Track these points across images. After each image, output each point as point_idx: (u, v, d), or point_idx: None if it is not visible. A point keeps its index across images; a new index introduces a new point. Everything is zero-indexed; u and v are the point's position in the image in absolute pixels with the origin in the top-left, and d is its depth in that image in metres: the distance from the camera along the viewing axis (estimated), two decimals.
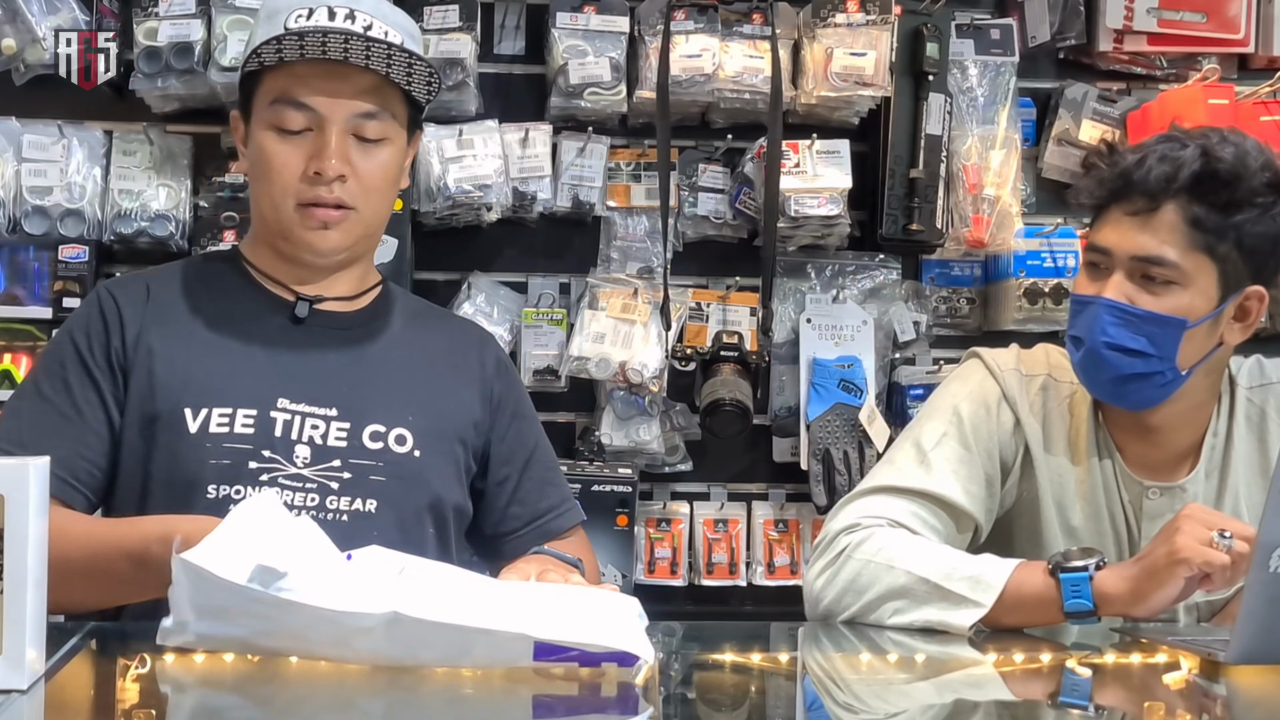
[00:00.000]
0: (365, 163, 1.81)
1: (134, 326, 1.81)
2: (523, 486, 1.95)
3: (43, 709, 1.28)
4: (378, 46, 1.77)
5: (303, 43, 1.75)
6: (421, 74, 1.82)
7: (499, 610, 1.37)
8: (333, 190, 1.79)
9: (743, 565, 3.01)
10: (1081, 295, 1.86)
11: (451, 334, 2.00)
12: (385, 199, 1.88)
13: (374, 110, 1.81)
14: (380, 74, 1.80)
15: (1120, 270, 1.82)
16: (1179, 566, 1.63)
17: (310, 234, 1.81)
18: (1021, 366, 1.96)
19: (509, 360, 2.06)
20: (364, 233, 1.86)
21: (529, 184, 2.90)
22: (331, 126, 1.79)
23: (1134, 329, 1.80)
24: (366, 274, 1.95)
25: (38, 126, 2.84)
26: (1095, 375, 1.86)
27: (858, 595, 1.76)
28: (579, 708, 1.30)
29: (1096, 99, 3.08)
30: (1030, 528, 1.93)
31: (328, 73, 1.78)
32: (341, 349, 1.86)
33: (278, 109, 1.80)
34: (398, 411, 1.83)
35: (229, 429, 1.77)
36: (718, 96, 2.89)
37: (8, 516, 1.26)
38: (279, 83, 1.80)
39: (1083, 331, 1.84)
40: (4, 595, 1.26)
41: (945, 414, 1.93)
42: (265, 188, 1.82)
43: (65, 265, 2.81)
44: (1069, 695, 1.51)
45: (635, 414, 2.93)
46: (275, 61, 1.79)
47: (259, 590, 1.30)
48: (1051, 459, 1.93)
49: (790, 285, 3.02)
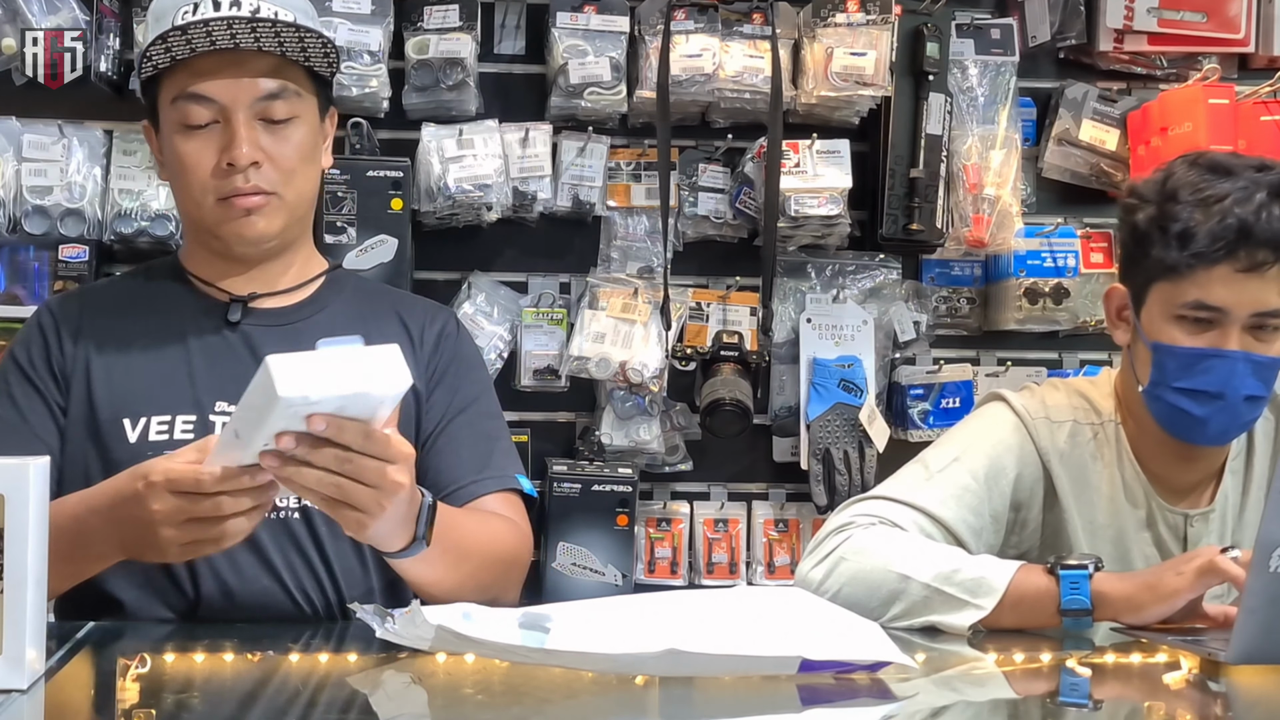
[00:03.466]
0: (277, 146, 1.79)
1: (70, 341, 1.82)
2: (435, 455, 1.88)
3: (43, 709, 1.28)
4: (264, 27, 1.74)
5: (188, 36, 1.73)
6: (316, 48, 1.79)
7: (766, 633, 1.44)
8: (249, 179, 1.77)
9: (743, 565, 3.01)
10: (1203, 349, 1.82)
11: (399, 313, 1.95)
12: (306, 179, 1.84)
13: (276, 90, 1.79)
14: (275, 54, 1.78)
15: (1237, 324, 1.81)
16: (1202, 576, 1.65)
17: (235, 224, 1.79)
18: (1050, 414, 1.95)
19: (461, 333, 1.99)
20: (289, 216, 1.83)
21: (529, 184, 2.89)
22: (236, 115, 1.77)
23: (1263, 378, 1.82)
24: (307, 264, 1.92)
25: (38, 126, 2.84)
26: (1225, 426, 1.86)
27: (857, 597, 1.76)
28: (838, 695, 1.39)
29: (1097, 99, 3.07)
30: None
31: (223, 62, 1.76)
32: (276, 346, 1.84)
33: (180, 106, 1.78)
34: None
35: (168, 437, 1.77)
36: (718, 96, 2.89)
37: (8, 517, 1.26)
38: (177, 81, 1.78)
39: (1217, 385, 1.82)
40: (4, 595, 1.26)
41: (961, 445, 1.93)
42: (184, 187, 1.81)
43: (65, 265, 2.81)
44: (1069, 695, 1.51)
45: (635, 414, 2.93)
46: (168, 62, 1.77)
47: (531, 649, 1.34)
48: (1083, 503, 1.93)
49: (790, 285, 3.02)
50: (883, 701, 1.39)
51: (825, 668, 1.39)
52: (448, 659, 1.39)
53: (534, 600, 2.81)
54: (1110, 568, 1.74)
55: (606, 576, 2.85)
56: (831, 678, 1.39)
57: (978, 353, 3.11)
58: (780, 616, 1.54)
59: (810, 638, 1.44)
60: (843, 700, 1.39)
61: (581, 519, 2.84)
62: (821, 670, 1.39)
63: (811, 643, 1.41)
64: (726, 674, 1.39)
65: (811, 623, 1.53)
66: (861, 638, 1.48)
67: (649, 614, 1.52)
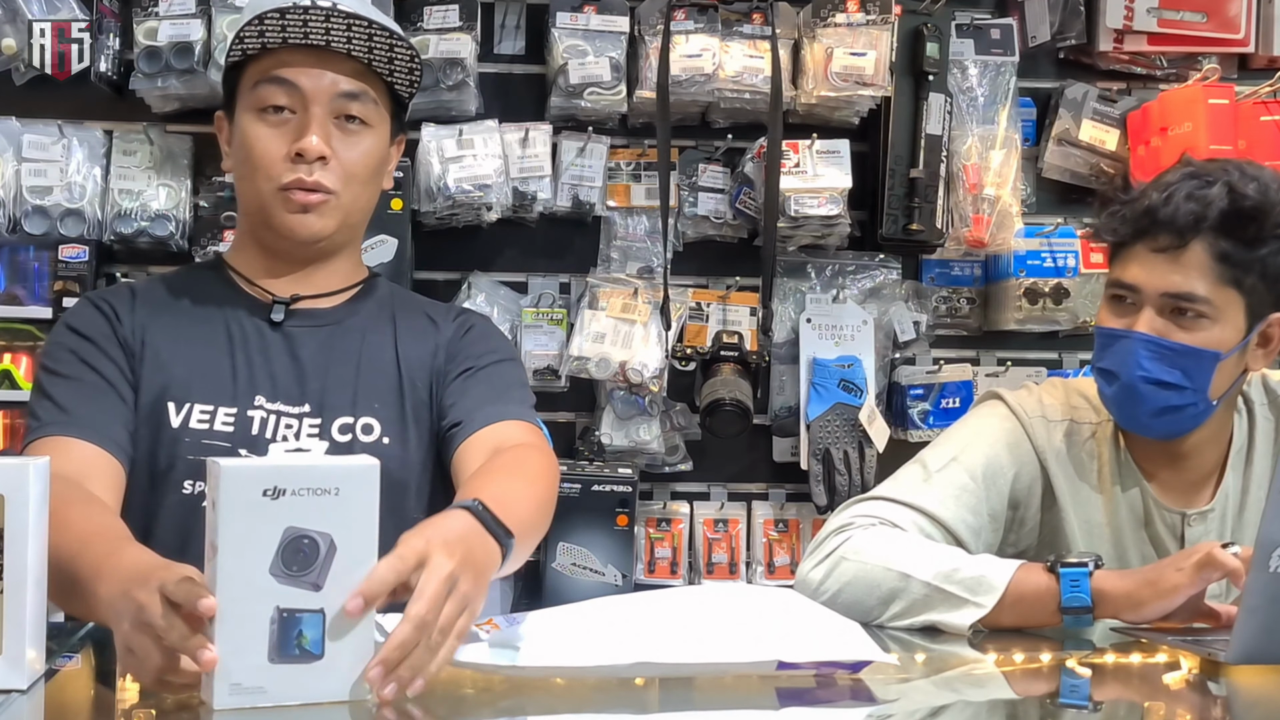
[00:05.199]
0: (347, 148, 1.82)
1: (128, 318, 1.85)
2: (453, 398, 1.87)
3: (43, 709, 1.28)
4: (359, 26, 1.78)
5: (284, 23, 1.77)
6: (403, 60, 1.84)
7: (743, 636, 1.45)
8: (313, 172, 1.80)
9: (743, 565, 3.01)
10: (1112, 329, 1.86)
11: (427, 314, 1.98)
12: (366, 188, 1.88)
13: (356, 91, 1.82)
14: (362, 61, 1.82)
15: (1150, 306, 1.83)
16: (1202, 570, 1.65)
17: (290, 217, 1.82)
18: (1046, 413, 1.96)
19: (484, 324, 2.01)
20: (343, 220, 1.86)
21: (529, 184, 2.90)
22: (314, 106, 1.80)
23: (1169, 362, 1.82)
24: (352, 271, 1.95)
25: (38, 126, 2.84)
26: (1130, 409, 1.87)
27: (857, 596, 1.76)
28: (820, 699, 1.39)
29: (1096, 99, 3.08)
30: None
31: (311, 57, 1.81)
32: (315, 346, 1.87)
33: (261, 89, 1.82)
34: (365, 402, 1.85)
35: (209, 425, 1.79)
36: (718, 96, 2.89)
37: (8, 516, 1.26)
38: (263, 66, 1.82)
39: (1116, 365, 1.85)
40: (4, 595, 1.26)
41: (958, 445, 1.94)
42: (248, 173, 1.83)
43: (65, 265, 2.81)
44: (1069, 695, 1.51)
45: (635, 414, 2.93)
46: (258, 48, 1.81)
47: (504, 667, 1.35)
48: (1079, 502, 1.93)
49: (790, 285, 3.02)
50: (882, 702, 1.39)
51: (804, 669, 1.40)
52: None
53: (534, 601, 2.82)
54: (1108, 567, 1.75)
55: (606, 577, 2.85)
56: (813, 679, 1.40)
57: (977, 353, 3.12)
58: (760, 617, 1.54)
59: (788, 639, 1.45)
60: (844, 701, 1.39)
61: (581, 519, 2.84)
62: (800, 670, 1.40)
63: (789, 644, 1.42)
64: (703, 675, 1.40)
65: (791, 623, 1.54)
66: (841, 637, 1.49)
67: (627, 618, 1.52)
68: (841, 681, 1.40)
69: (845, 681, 1.40)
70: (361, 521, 1.26)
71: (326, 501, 1.24)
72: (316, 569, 1.24)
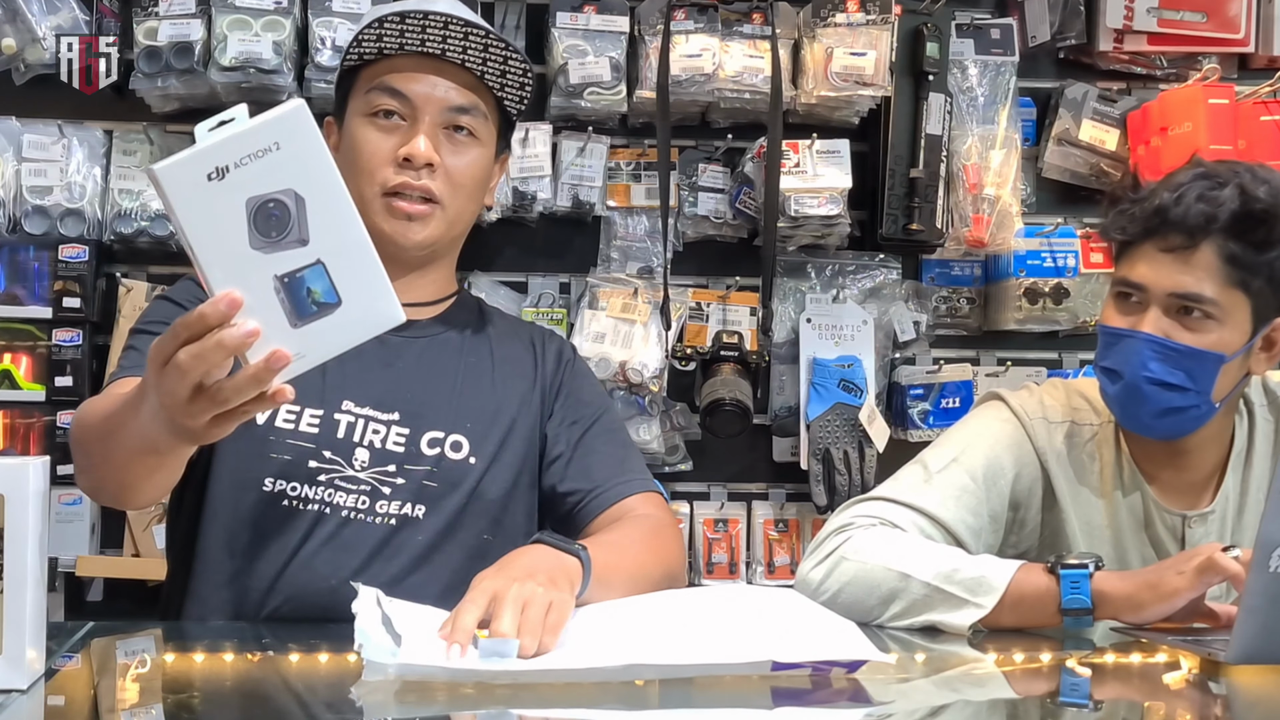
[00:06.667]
0: (454, 158, 1.85)
1: None
2: (574, 463, 1.91)
3: (43, 709, 1.28)
4: (475, 35, 1.81)
5: (403, 27, 1.80)
6: (515, 74, 1.86)
7: (737, 637, 1.46)
8: (420, 178, 1.82)
9: (743, 565, 3.01)
10: (1116, 328, 1.86)
11: (516, 335, 2.01)
12: (469, 200, 1.90)
13: (467, 105, 1.85)
14: (474, 73, 1.84)
15: (1156, 305, 1.83)
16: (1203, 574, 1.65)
17: (394, 225, 1.84)
18: (1047, 414, 1.96)
19: (571, 351, 2.04)
20: (446, 230, 1.88)
21: (529, 184, 2.90)
22: (424, 116, 1.83)
23: (1173, 364, 1.82)
24: (446, 282, 1.98)
25: (38, 126, 2.84)
26: (1133, 409, 1.87)
27: (857, 596, 1.76)
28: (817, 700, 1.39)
29: (1097, 99, 3.08)
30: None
31: (425, 66, 1.83)
32: (408, 355, 1.88)
33: (373, 95, 1.84)
34: (456, 418, 1.85)
35: (295, 426, 1.79)
36: (718, 96, 2.89)
37: (8, 516, 1.26)
38: (377, 71, 1.85)
39: (1120, 364, 1.85)
40: (4, 595, 1.26)
41: (959, 446, 1.94)
42: (354, 177, 1.83)
43: (65, 265, 2.81)
44: (1069, 695, 1.51)
45: (635, 414, 2.93)
46: (375, 53, 1.83)
47: (495, 670, 1.35)
48: (1080, 503, 1.94)
49: (790, 285, 3.02)
50: (881, 702, 1.39)
51: (795, 667, 1.40)
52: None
53: None
54: (1108, 568, 1.75)
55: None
56: (809, 679, 1.40)
57: (977, 353, 3.11)
58: (756, 618, 1.54)
59: (783, 639, 1.45)
60: (843, 701, 1.39)
61: None
62: (795, 670, 1.40)
63: (783, 644, 1.42)
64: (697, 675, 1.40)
65: (787, 623, 1.54)
66: (837, 637, 1.48)
67: (623, 620, 1.52)
68: (838, 682, 1.40)
69: (842, 682, 1.40)
70: (314, 163, 1.22)
71: (272, 159, 1.21)
72: (293, 226, 1.22)
